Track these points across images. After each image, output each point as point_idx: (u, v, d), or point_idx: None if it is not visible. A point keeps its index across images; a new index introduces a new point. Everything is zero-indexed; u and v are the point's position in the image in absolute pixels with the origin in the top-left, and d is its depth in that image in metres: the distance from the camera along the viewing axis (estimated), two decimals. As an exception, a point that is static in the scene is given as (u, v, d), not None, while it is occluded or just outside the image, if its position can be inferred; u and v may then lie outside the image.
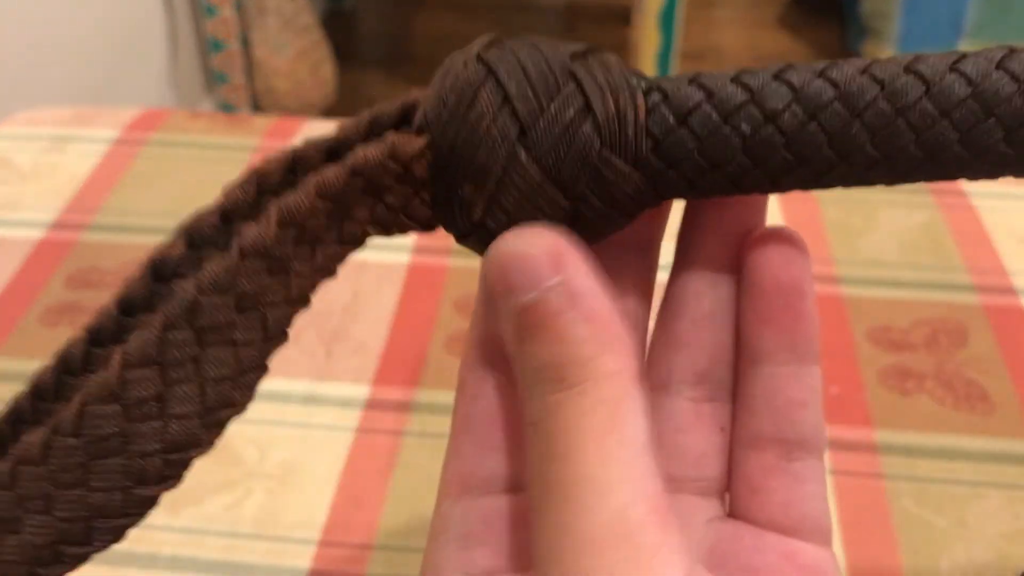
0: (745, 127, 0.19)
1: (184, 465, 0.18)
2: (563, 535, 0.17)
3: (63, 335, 0.42)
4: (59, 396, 0.18)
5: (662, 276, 0.22)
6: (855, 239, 0.47)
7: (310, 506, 0.35)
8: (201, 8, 1.42)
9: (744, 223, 0.21)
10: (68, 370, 0.18)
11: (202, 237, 0.18)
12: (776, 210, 0.49)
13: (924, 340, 0.42)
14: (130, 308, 0.18)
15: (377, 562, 0.34)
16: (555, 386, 0.18)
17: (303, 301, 0.19)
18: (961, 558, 0.34)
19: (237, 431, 0.38)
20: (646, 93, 0.19)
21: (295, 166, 0.19)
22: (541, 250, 0.18)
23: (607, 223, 0.20)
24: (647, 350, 0.22)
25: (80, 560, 0.19)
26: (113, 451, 0.18)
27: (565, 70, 0.19)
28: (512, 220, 0.19)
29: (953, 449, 0.38)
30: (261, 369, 0.19)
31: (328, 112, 1.60)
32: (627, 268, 0.21)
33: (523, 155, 0.18)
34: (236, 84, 1.49)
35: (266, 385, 0.16)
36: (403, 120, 0.20)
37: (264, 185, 0.18)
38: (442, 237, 0.46)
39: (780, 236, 0.20)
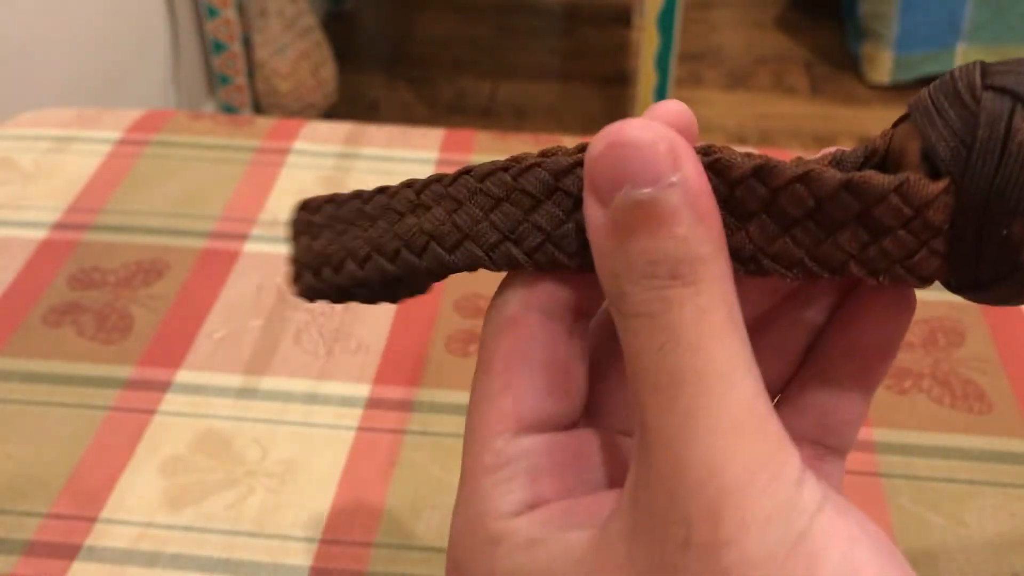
0: None
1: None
2: (696, 421, 0.17)
3: (66, 335, 0.42)
4: None
5: None
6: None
7: (311, 504, 0.36)
8: (203, 10, 1.42)
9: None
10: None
11: None
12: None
13: (922, 339, 0.42)
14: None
15: (378, 560, 0.34)
16: (670, 282, 0.18)
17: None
18: (958, 556, 0.34)
19: (238, 430, 0.38)
20: None
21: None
22: (663, 145, 0.18)
23: None
24: None
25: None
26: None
27: None
28: None
29: (950, 448, 0.38)
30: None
31: (329, 113, 1.60)
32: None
33: None
34: (238, 85, 1.49)
35: (267, 384, 0.17)
36: (864, 163, 0.19)
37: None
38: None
39: (899, 296, 0.21)
